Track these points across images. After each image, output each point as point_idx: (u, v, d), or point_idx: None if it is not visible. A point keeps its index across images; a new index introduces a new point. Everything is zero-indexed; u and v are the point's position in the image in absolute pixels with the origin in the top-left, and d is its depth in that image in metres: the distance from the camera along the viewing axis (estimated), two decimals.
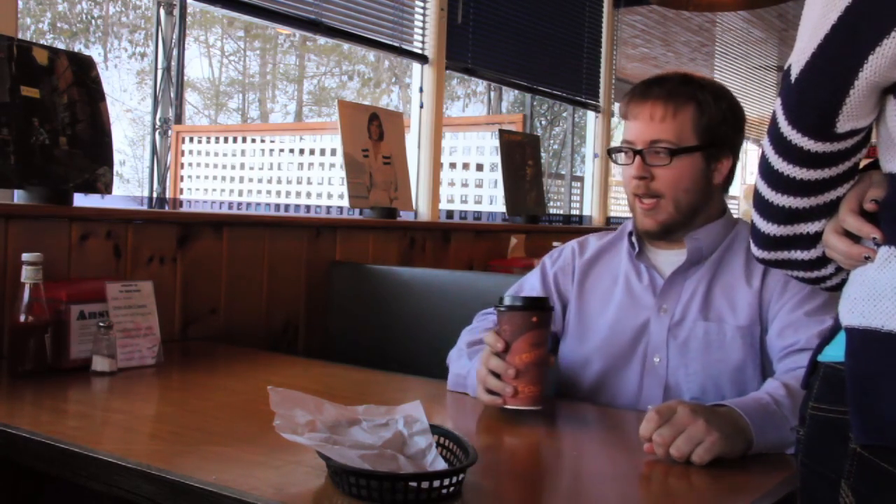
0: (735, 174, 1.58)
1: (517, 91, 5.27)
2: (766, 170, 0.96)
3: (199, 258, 2.19)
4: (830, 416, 0.94)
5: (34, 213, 1.83)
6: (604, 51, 4.55)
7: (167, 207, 6.67)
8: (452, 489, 0.96)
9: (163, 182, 6.83)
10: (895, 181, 0.90)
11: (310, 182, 6.19)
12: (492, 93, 7.96)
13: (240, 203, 6.68)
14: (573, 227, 4.63)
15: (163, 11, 6.53)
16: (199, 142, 7.03)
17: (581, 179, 5.41)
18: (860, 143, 0.92)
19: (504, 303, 1.38)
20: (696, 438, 1.14)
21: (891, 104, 0.88)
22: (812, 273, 1.02)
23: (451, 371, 1.60)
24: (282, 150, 6.60)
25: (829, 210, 0.95)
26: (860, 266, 0.92)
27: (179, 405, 1.51)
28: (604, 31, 4.55)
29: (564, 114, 8.81)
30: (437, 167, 3.33)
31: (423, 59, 3.30)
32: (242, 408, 1.45)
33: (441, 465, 1.00)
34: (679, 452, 1.14)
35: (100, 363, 1.62)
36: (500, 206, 3.76)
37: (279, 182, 6.52)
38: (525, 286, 1.71)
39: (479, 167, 4.41)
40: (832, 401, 0.94)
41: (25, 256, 1.58)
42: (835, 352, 0.94)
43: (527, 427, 1.35)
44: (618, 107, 1.70)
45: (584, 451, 1.31)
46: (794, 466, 1.02)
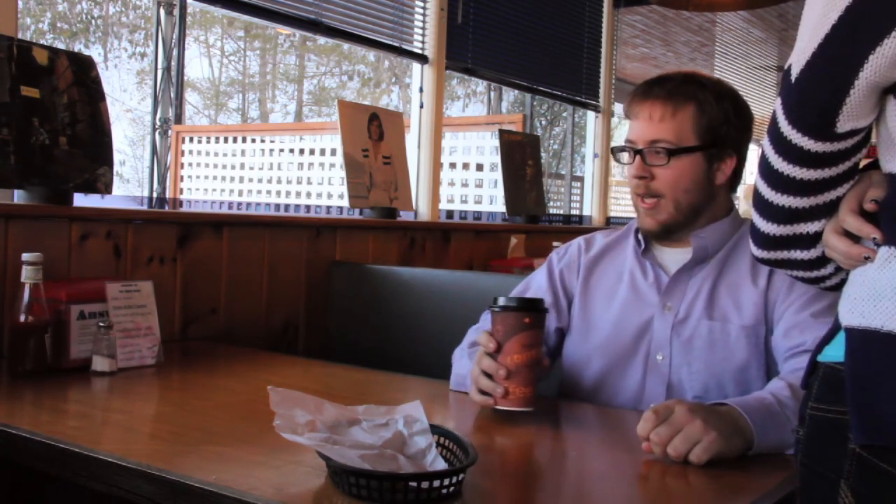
0: (742, 174, 1.56)
1: (517, 91, 5.27)
2: (766, 169, 0.96)
3: (199, 258, 2.19)
4: (830, 417, 0.94)
5: (34, 213, 1.83)
6: (604, 51, 4.55)
7: (167, 207, 6.67)
8: (452, 489, 0.96)
9: (163, 182, 6.83)
10: (895, 181, 0.90)
11: (310, 182, 6.19)
12: (492, 93, 7.96)
13: (240, 203, 6.68)
14: (573, 227, 4.62)
15: (163, 11, 6.53)
16: (199, 142, 7.03)
17: (581, 179, 5.41)
18: (860, 143, 0.92)
19: (498, 303, 1.37)
20: (694, 438, 1.14)
21: (891, 104, 0.88)
22: (811, 273, 1.02)
23: (454, 370, 1.60)
24: (282, 150, 6.61)
25: (829, 210, 0.95)
26: (860, 266, 0.92)
27: (179, 405, 1.50)
28: (604, 31, 4.55)
29: (564, 114, 8.81)
30: (437, 167, 3.33)
31: (423, 59, 3.30)
32: (242, 408, 1.45)
33: (441, 465, 1.01)
34: (676, 452, 1.14)
35: (100, 363, 1.62)
36: (500, 206, 3.76)
37: (279, 182, 6.52)
38: (532, 283, 1.71)
39: (479, 167, 4.41)
40: (832, 401, 0.94)
41: (25, 256, 1.58)
42: (834, 352, 0.94)
43: (527, 427, 1.35)
44: (618, 106, 1.70)
45: (585, 451, 1.31)
46: (794, 466, 1.02)
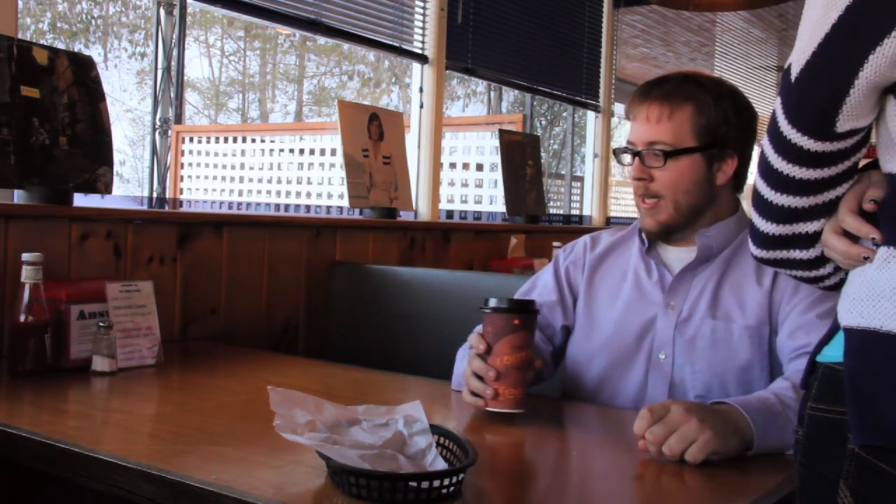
0: (746, 173, 1.54)
1: (517, 91, 5.27)
2: (766, 169, 0.96)
3: (199, 258, 2.19)
4: (829, 417, 0.94)
5: (34, 213, 1.83)
6: (604, 51, 4.55)
7: (167, 207, 6.67)
8: (452, 489, 0.96)
9: (163, 182, 6.83)
10: (894, 181, 0.90)
11: (310, 182, 6.19)
12: (492, 93, 7.95)
13: (240, 203, 6.69)
14: (573, 227, 4.63)
15: (163, 11, 6.52)
16: (199, 142, 7.03)
17: (581, 179, 5.41)
18: (860, 143, 0.92)
19: (488, 304, 1.36)
20: (689, 437, 1.14)
21: (891, 104, 0.88)
22: (810, 272, 1.02)
23: (455, 369, 1.60)
24: (282, 150, 6.61)
25: (829, 209, 0.95)
26: (859, 266, 0.92)
27: (179, 405, 1.50)
28: (604, 31, 4.55)
29: (564, 114, 8.81)
30: (437, 167, 3.34)
31: (423, 59, 3.30)
32: (242, 408, 1.45)
33: (441, 465, 1.01)
34: (671, 451, 1.14)
35: (100, 363, 1.62)
36: (500, 206, 3.76)
37: (279, 182, 6.52)
38: (539, 282, 1.71)
39: (479, 167, 4.41)
40: (831, 401, 0.94)
41: (25, 256, 1.58)
42: (834, 352, 0.94)
43: (527, 427, 1.35)
44: (619, 106, 1.70)
45: (585, 451, 1.31)
46: (794, 466, 1.02)
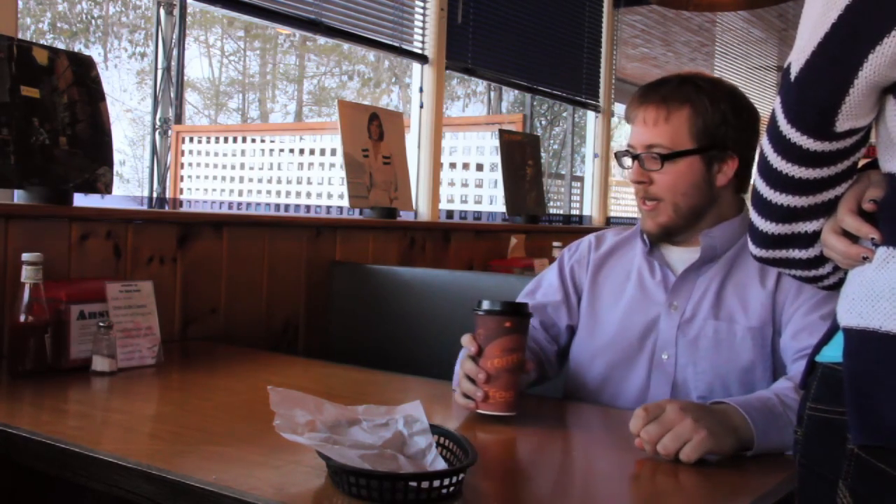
0: (749, 174, 1.53)
1: (517, 91, 5.27)
2: (765, 168, 0.96)
3: (199, 258, 2.19)
4: (828, 417, 0.94)
5: (34, 213, 1.83)
6: (604, 51, 4.55)
7: (167, 207, 6.67)
8: (452, 489, 0.96)
9: (163, 182, 6.82)
10: (894, 181, 0.90)
11: (310, 182, 6.19)
12: (492, 93, 7.94)
13: (240, 203, 6.68)
14: (573, 227, 4.63)
15: (163, 11, 6.52)
16: (199, 142, 7.03)
17: (581, 179, 5.41)
18: (859, 143, 0.92)
19: (480, 306, 1.36)
20: (683, 437, 1.14)
21: (890, 104, 0.88)
22: (809, 272, 1.02)
23: (455, 370, 1.60)
24: (282, 150, 6.60)
25: (828, 209, 0.95)
26: (858, 266, 0.92)
27: (179, 405, 1.51)
28: (604, 31, 4.55)
29: (564, 114, 8.80)
30: (437, 167, 3.34)
31: (423, 59, 3.30)
32: (242, 408, 1.45)
33: (441, 465, 1.01)
34: (666, 450, 1.14)
35: (100, 363, 1.62)
36: (500, 206, 3.76)
37: (279, 182, 6.52)
38: (544, 281, 1.71)
39: (479, 167, 4.41)
40: (830, 401, 0.94)
41: (25, 256, 1.58)
42: (833, 352, 0.94)
43: (527, 427, 1.35)
44: (619, 106, 1.71)
45: (587, 452, 1.32)
46: (794, 466, 1.02)
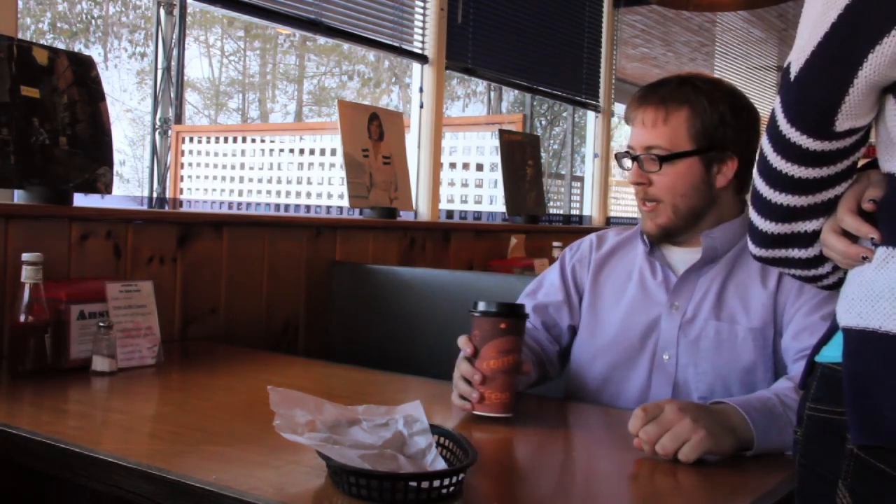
0: (750, 174, 1.52)
1: (517, 91, 5.27)
2: (765, 168, 0.96)
3: (199, 258, 2.19)
4: (828, 417, 0.94)
5: (34, 213, 1.83)
6: (604, 51, 4.55)
7: (167, 207, 6.67)
8: (452, 489, 0.96)
9: (163, 182, 6.82)
10: (894, 181, 0.90)
11: (310, 182, 6.19)
12: (492, 93, 7.94)
13: (240, 203, 6.68)
14: (573, 227, 4.63)
15: (163, 11, 6.52)
16: (199, 142, 7.03)
17: (581, 179, 5.41)
18: (859, 142, 0.92)
19: (476, 307, 1.36)
20: (682, 437, 1.14)
21: (890, 104, 0.88)
22: (809, 272, 1.02)
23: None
24: (282, 150, 6.60)
25: (827, 209, 0.95)
26: (858, 266, 0.92)
27: (179, 405, 1.51)
28: (604, 31, 4.55)
29: (564, 114, 8.80)
30: (437, 167, 3.34)
31: (423, 59, 3.30)
32: (242, 408, 1.45)
33: (441, 465, 1.01)
34: (664, 450, 1.14)
35: (100, 363, 1.62)
36: (500, 206, 3.76)
37: (279, 182, 6.52)
38: (545, 281, 1.71)
39: (479, 167, 4.41)
40: (830, 401, 0.94)
41: (25, 256, 1.58)
42: (832, 352, 0.94)
43: (527, 427, 1.35)
44: (619, 106, 1.71)
45: (587, 452, 1.31)
46: (794, 466, 1.02)
